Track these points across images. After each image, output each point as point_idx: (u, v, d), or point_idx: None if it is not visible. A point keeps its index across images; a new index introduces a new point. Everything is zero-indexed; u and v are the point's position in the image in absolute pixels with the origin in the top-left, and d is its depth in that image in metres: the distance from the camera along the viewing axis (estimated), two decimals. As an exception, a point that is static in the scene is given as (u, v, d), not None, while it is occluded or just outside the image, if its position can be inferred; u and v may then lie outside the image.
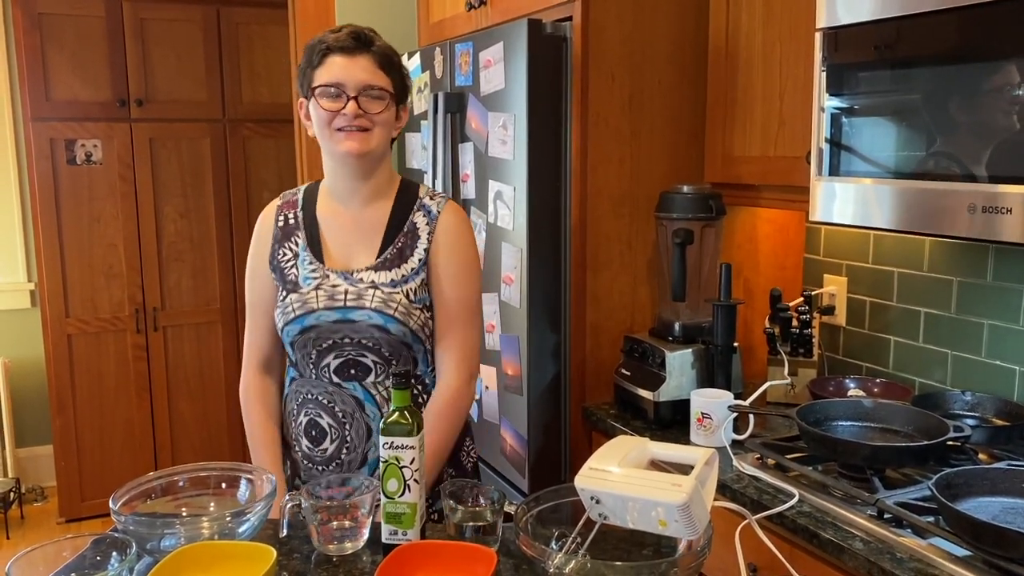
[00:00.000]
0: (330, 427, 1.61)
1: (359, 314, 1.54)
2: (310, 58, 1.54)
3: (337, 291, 1.56)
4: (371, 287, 1.56)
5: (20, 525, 3.78)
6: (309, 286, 1.57)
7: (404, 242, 1.59)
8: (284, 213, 1.65)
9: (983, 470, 1.43)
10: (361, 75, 1.50)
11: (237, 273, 3.89)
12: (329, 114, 1.51)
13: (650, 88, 2.18)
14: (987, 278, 1.85)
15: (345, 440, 1.60)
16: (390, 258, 1.58)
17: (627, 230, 2.21)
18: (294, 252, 1.61)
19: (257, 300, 1.66)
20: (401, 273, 1.57)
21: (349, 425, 1.60)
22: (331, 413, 1.60)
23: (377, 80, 1.52)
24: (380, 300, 1.54)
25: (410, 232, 1.60)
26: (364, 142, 1.53)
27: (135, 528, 1.24)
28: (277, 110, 3.90)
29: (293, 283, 1.59)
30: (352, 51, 1.51)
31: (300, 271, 1.59)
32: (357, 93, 1.50)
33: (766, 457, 1.71)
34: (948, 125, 1.45)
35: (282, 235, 1.63)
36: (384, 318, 1.54)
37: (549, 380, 2.20)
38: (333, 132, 1.52)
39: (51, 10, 3.52)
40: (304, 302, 1.56)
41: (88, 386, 3.73)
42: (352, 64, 1.51)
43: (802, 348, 2.09)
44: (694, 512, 1.08)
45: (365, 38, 1.53)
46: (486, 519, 1.31)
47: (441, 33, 2.84)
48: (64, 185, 3.61)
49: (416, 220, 1.61)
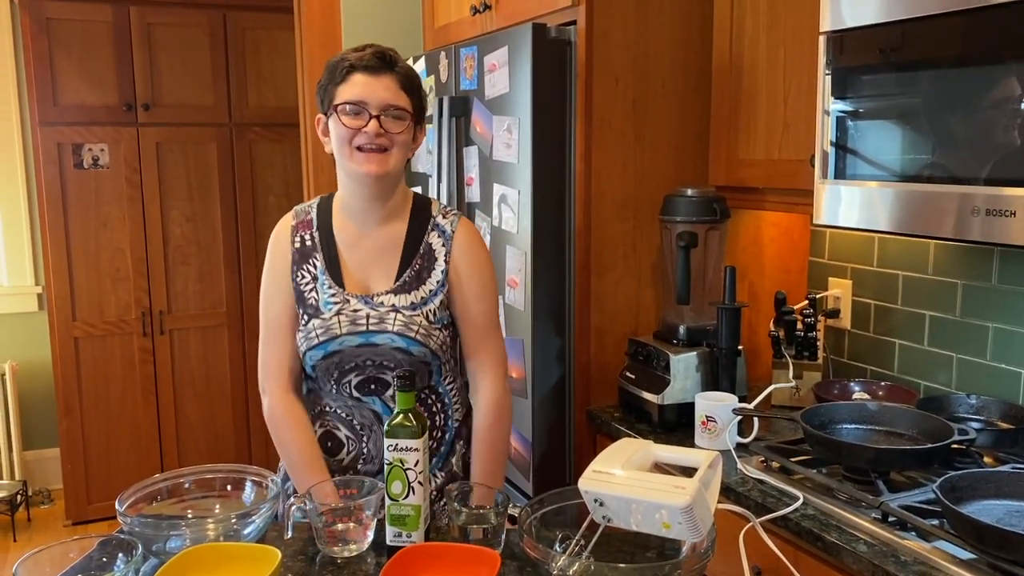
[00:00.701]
0: (347, 439, 1.61)
1: (381, 338, 1.55)
2: (332, 75, 1.53)
3: (359, 316, 1.56)
4: (392, 310, 1.56)
5: (27, 528, 3.79)
6: (330, 311, 1.56)
7: (422, 264, 1.60)
8: (300, 234, 1.63)
9: (988, 473, 1.42)
10: (384, 94, 1.51)
11: (243, 276, 3.89)
12: (350, 132, 1.51)
13: (654, 92, 2.19)
14: (992, 281, 1.85)
15: (362, 452, 1.61)
16: (409, 280, 1.59)
17: (631, 233, 2.21)
18: (312, 275, 1.60)
19: (277, 319, 1.62)
20: (420, 295, 1.58)
21: (367, 438, 1.60)
22: (349, 426, 1.61)
23: (399, 100, 1.52)
24: (402, 323, 1.55)
25: (426, 254, 1.61)
26: (383, 163, 1.53)
27: (141, 530, 1.25)
28: (283, 114, 3.91)
29: (314, 308, 1.58)
30: (376, 70, 1.51)
31: (320, 295, 1.58)
32: (379, 112, 1.50)
33: (770, 460, 1.71)
34: (952, 128, 1.45)
35: (300, 257, 1.62)
36: (406, 341, 1.55)
37: (553, 383, 2.20)
38: (353, 151, 1.52)
39: (59, 16, 3.54)
40: (327, 328, 1.55)
41: (95, 389, 3.75)
42: (375, 83, 1.51)
43: (807, 351, 2.09)
44: (698, 514, 1.09)
45: (389, 59, 1.53)
46: (490, 521, 1.32)
47: (446, 37, 2.85)
48: (71, 189, 3.62)
49: (431, 241, 1.61)
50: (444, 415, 1.65)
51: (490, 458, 1.62)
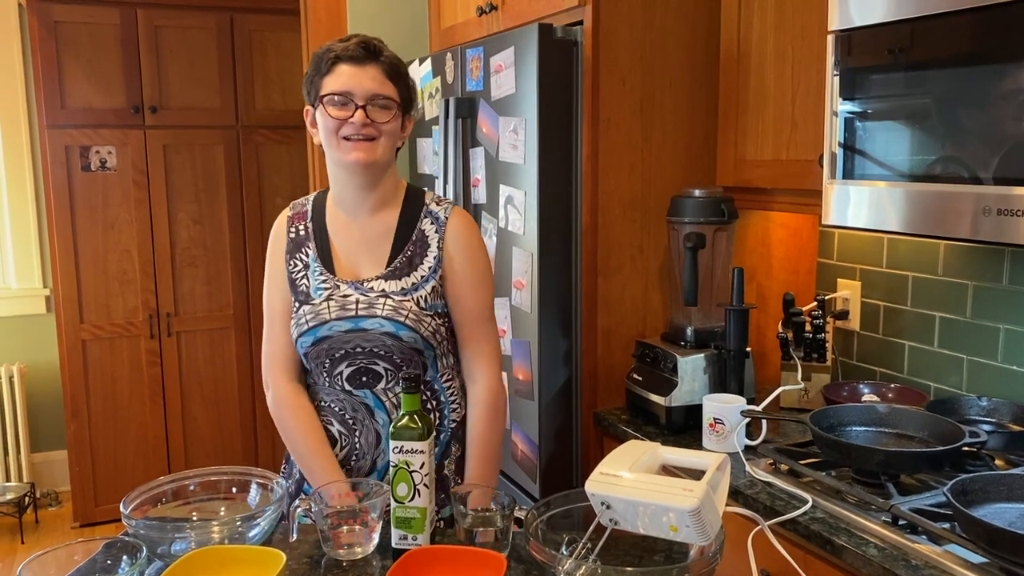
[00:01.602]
0: (340, 434, 1.60)
1: (370, 323, 1.54)
2: (318, 66, 1.54)
3: (348, 301, 1.56)
4: (381, 295, 1.56)
5: (35, 530, 3.80)
6: (320, 297, 1.57)
7: (413, 250, 1.60)
8: (295, 225, 1.66)
9: (999, 476, 1.41)
10: (369, 84, 1.51)
11: (250, 278, 3.90)
12: (336, 122, 1.52)
13: (661, 92, 2.18)
14: (1003, 282, 1.83)
15: (355, 447, 1.60)
16: (400, 267, 1.59)
17: (638, 234, 2.20)
18: (305, 263, 1.62)
19: (278, 309, 1.64)
20: (411, 281, 1.58)
21: (359, 432, 1.60)
22: (341, 420, 1.60)
23: (385, 90, 1.52)
24: (391, 308, 1.55)
25: (419, 240, 1.60)
26: (370, 151, 1.53)
27: (146, 532, 1.25)
28: (290, 116, 3.92)
29: (305, 294, 1.59)
30: (361, 60, 1.51)
31: (311, 282, 1.59)
32: (365, 102, 1.51)
33: (779, 462, 1.69)
34: (962, 128, 1.44)
35: (293, 247, 1.64)
36: (395, 325, 1.54)
37: (560, 385, 2.19)
38: (340, 141, 1.53)
39: (67, 18, 3.55)
40: (316, 313, 1.56)
41: (102, 391, 3.75)
42: (361, 73, 1.51)
43: (815, 353, 2.08)
44: (706, 517, 1.08)
45: (374, 48, 1.53)
46: (496, 524, 1.31)
47: (452, 38, 2.84)
48: (79, 191, 3.63)
49: (424, 228, 1.61)
50: (440, 413, 1.62)
51: (486, 453, 1.61)
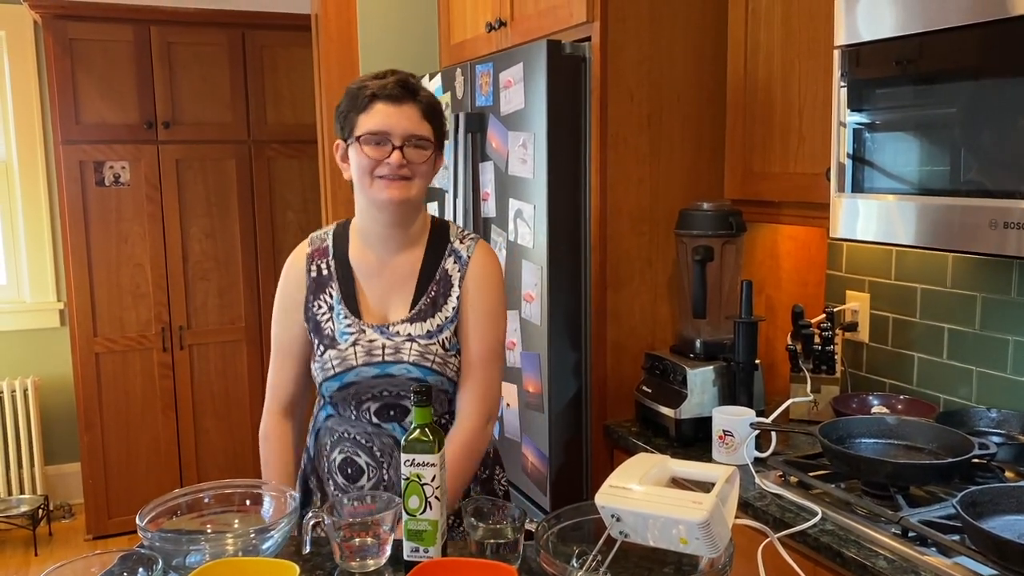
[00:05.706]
0: (368, 466, 1.60)
1: (397, 368, 1.54)
2: (354, 103, 1.51)
3: (374, 346, 1.55)
4: (408, 340, 1.55)
5: (48, 542, 3.82)
6: (346, 342, 1.56)
7: (437, 291, 1.58)
8: (316, 262, 1.62)
9: (1009, 488, 1.41)
10: (407, 124, 1.49)
11: (262, 291, 3.92)
12: (372, 162, 1.50)
13: (669, 106, 2.19)
14: (1012, 294, 1.83)
15: (383, 479, 1.60)
16: (424, 308, 1.57)
17: (647, 247, 2.21)
18: (329, 305, 1.59)
19: (286, 345, 1.63)
20: (436, 323, 1.56)
21: (388, 464, 1.59)
22: (369, 452, 1.60)
23: (422, 130, 1.51)
24: (417, 353, 1.54)
25: (442, 280, 1.59)
26: (405, 191, 1.51)
27: (161, 545, 1.26)
28: (301, 131, 3.95)
29: (330, 338, 1.57)
30: (399, 100, 1.49)
31: (336, 325, 1.57)
32: (402, 143, 1.49)
33: (788, 475, 1.70)
34: (970, 141, 1.44)
35: (316, 287, 1.61)
36: (423, 371, 1.54)
37: (570, 397, 2.20)
38: (374, 180, 1.51)
39: (81, 36, 3.59)
40: (343, 359, 1.55)
41: (115, 404, 3.78)
42: (398, 113, 1.49)
43: (825, 365, 2.08)
44: (715, 530, 1.08)
45: (411, 87, 1.51)
46: (507, 536, 1.32)
47: (462, 54, 2.87)
48: (93, 206, 3.67)
49: (447, 267, 1.59)
50: None
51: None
